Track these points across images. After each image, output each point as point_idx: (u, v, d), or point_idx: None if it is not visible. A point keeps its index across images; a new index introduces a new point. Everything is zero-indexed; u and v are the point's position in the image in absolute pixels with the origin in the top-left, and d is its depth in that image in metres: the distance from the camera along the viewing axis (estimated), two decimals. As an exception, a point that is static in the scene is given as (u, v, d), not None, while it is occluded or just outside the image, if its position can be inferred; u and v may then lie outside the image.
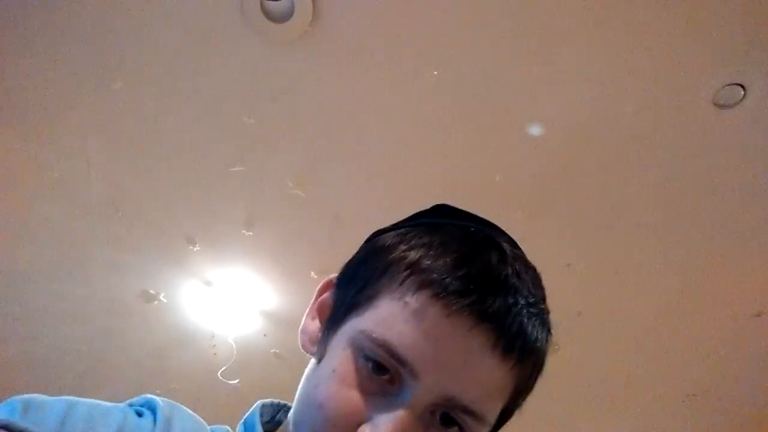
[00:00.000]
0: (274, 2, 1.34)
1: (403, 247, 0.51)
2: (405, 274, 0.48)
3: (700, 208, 1.76)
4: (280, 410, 0.61)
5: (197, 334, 2.20)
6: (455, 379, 0.45)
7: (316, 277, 1.98)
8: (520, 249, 0.54)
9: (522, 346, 0.47)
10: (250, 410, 0.59)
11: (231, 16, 1.37)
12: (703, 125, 1.55)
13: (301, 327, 0.58)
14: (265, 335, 2.20)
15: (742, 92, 1.48)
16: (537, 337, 0.49)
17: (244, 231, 1.86)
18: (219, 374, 2.24)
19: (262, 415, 0.58)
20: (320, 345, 0.53)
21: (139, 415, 0.48)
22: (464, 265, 0.47)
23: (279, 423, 0.60)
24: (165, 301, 2.08)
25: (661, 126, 1.56)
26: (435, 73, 1.47)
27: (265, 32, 1.39)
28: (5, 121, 1.58)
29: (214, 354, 2.24)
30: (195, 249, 1.92)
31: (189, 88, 1.52)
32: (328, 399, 0.47)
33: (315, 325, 0.57)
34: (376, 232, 0.59)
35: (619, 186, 1.71)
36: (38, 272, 1.98)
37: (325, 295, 0.58)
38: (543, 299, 0.52)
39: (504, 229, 0.57)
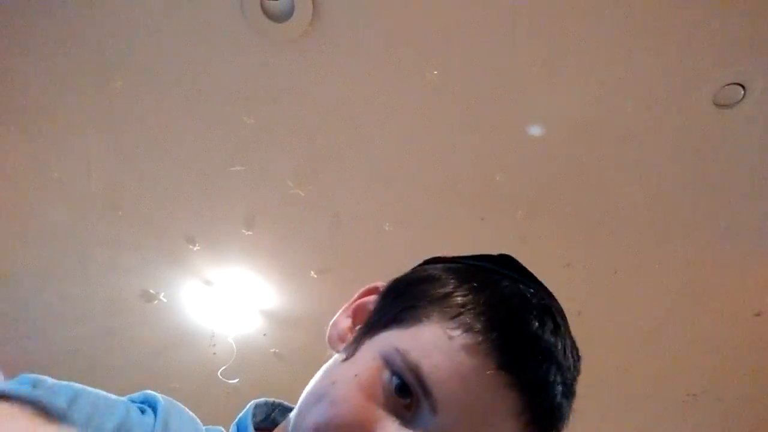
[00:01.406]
0: (274, 2, 1.34)
1: (464, 284, 0.50)
2: (459, 310, 0.47)
3: (700, 208, 1.76)
4: (275, 409, 0.61)
5: (197, 333, 2.20)
6: (471, 429, 0.44)
7: (315, 276, 1.98)
8: (568, 325, 0.54)
9: (546, 423, 0.47)
10: (244, 410, 0.58)
11: (231, 16, 1.37)
12: (703, 125, 1.55)
13: (332, 321, 0.57)
14: (264, 335, 2.20)
15: (742, 92, 1.48)
16: (563, 417, 0.48)
17: (243, 231, 1.86)
18: (219, 374, 2.24)
19: (255, 415, 0.58)
20: (351, 344, 0.52)
21: (142, 411, 0.48)
22: (519, 325, 0.47)
23: (274, 422, 0.60)
24: (165, 300, 2.08)
25: (661, 126, 1.56)
26: (435, 72, 1.47)
27: (265, 32, 1.39)
28: (5, 121, 1.58)
29: (214, 353, 2.24)
30: (195, 249, 1.92)
31: (189, 88, 1.52)
32: (341, 400, 0.46)
33: (347, 323, 0.56)
34: (434, 259, 0.57)
35: (619, 186, 1.71)
36: (38, 272, 1.98)
37: (367, 299, 0.57)
38: (577, 379, 0.51)
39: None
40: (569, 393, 0.49)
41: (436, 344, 0.46)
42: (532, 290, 0.51)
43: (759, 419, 2.59)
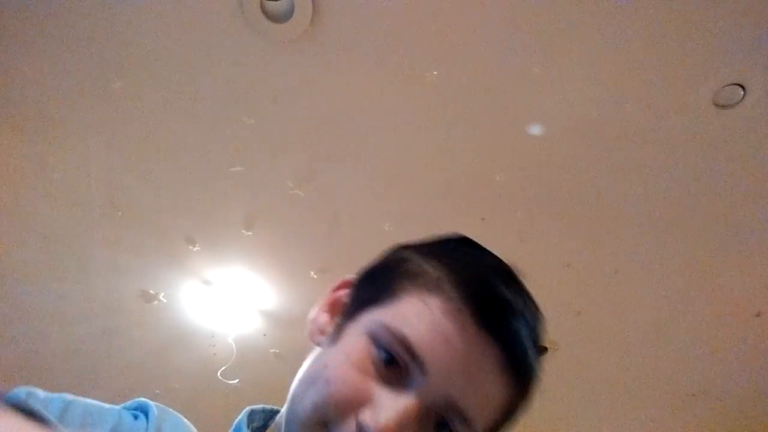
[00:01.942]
0: (274, 2, 1.34)
1: (434, 260, 0.54)
2: (433, 281, 0.52)
3: (700, 208, 1.76)
4: (273, 416, 0.62)
5: (197, 333, 2.20)
6: (459, 385, 0.48)
7: (315, 276, 1.98)
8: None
9: (523, 376, 0.52)
10: (239, 416, 0.59)
11: (231, 16, 1.37)
12: (703, 125, 1.55)
13: (311, 317, 0.60)
14: (264, 335, 2.20)
15: (742, 92, 1.47)
16: (536, 370, 0.53)
17: (243, 231, 1.86)
18: (219, 374, 2.24)
19: (253, 421, 0.59)
20: (333, 333, 0.55)
21: (135, 417, 0.49)
22: (491, 289, 0.51)
23: None
24: (165, 301, 2.08)
25: (661, 126, 1.56)
26: (435, 73, 1.46)
27: (265, 32, 1.39)
28: (5, 121, 1.58)
29: (214, 354, 2.24)
30: (195, 249, 1.92)
31: (189, 88, 1.52)
32: (336, 377, 0.49)
33: (325, 317, 0.59)
34: (400, 245, 0.61)
35: (619, 186, 1.71)
36: (38, 272, 1.98)
37: (341, 292, 0.60)
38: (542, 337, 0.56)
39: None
40: (539, 348, 0.54)
41: (417, 314, 0.50)
42: (493, 260, 0.56)
43: (759, 419, 2.59)
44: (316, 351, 0.56)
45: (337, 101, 1.54)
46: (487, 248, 0.58)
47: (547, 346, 2.28)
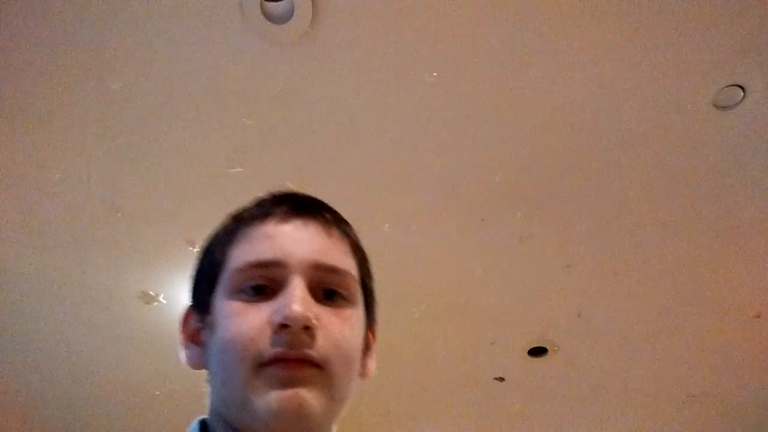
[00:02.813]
0: (274, 3, 1.34)
1: (222, 224, 0.66)
2: (234, 229, 0.62)
3: (700, 209, 1.76)
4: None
5: (197, 334, 2.20)
6: (310, 249, 0.57)
7: (315, 277, 1.98)
8: None
9: (338, 220, 0.62)
10: (189, 427, 0.61)
11: (231, 16, 1.37)
12: (703, 126, 1.55)
13: (183, 360, 0.64)
14: (264, 336, 2.19)
15: (742, 93, 1.48)
16: (338, 216, 0.63)
17: (243, 231, 1.86)
18: (219, 375, 2.23)
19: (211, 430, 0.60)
20: (207, 332, 0.59)
21: None
22: (271, 198, 0.64)
23: None
24: (164, 302, 2.08)
25: (661, 126, 1.56)
26: (434, 74, 1.47)
27: (264, 33, 1.39)
28: (5, 121, 1.58)
29: (214, 355, 2.23)
30: (195, 250, 1.92)
31: (189, 88, 1.52)
32: (234, 326, 0.53)
33: (192, 348, 0.63)
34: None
35: (619, 186, 1.71)
36: (38, 272, 1.98)
37: (189, 321, 0.64)
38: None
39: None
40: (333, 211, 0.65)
41: (244, 246, 0.59)
42: None
43: (759, 420, 2.59)
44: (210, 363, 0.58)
45: (336, 102, 1.54)
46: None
47: (547, 346, 2.29)
